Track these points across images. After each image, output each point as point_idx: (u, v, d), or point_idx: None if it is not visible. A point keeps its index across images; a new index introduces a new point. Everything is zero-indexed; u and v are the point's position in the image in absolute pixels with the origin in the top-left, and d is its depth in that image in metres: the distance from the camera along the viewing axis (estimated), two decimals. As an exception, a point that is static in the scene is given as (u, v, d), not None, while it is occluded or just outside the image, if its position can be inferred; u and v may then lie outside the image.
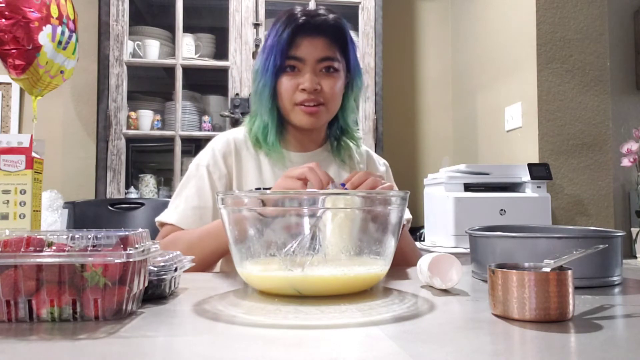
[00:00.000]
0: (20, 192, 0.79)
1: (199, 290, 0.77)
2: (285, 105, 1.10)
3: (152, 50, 2.54)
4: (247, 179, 1.14)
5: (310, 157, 1.16)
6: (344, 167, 1.21)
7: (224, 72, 2.55)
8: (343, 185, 0.88)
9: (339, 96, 1.13)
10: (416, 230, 2.31)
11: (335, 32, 1.10)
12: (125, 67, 2.46)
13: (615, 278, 0.78)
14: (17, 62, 1.89)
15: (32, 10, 1.89)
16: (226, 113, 2.50)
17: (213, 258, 1.03)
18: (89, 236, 0.58)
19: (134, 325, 0.56)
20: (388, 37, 2.80)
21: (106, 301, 0.57)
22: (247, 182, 1.14)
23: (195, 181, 1.12)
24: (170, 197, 1.22)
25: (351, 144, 1.23)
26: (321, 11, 1.10)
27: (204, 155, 1.16)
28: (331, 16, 1.10)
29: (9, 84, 2.61)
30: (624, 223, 2.46)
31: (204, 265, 1.01)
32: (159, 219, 1.11)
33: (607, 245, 0.72)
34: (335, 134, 1.20)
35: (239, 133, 1.20)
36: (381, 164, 1.28)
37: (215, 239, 0.98)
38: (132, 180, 2.58)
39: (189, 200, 1.10)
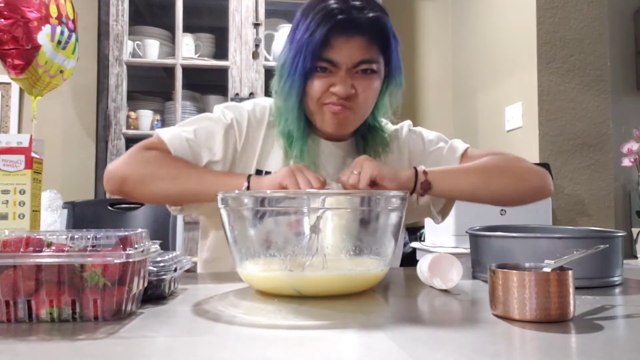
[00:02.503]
0: (20, 192, 0.79)
1: (199, 290, 0.77)
2: (311, 105, 0.99)
3: (152, 50, 2.54)
4: (271, 157, 1.03)
5: (342, 147, 1.06)
6: (376, 157, 1.06)
7: (223, 72, 2.55)
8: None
9: (374, 100, 1.01)
10: (416, 230, 2.31)
11: (376, 29, 0.96)
12: (125, 67, 2.46)
13: (616, 278, 0.78)
14: (16, 61, 1.89)
15: (31, 10, 1.89)
16: (226, 113, 2.50)
17: (184, 200, 0.98)
18: (89, 236, 0.58)
19: (134, 325, 0.56)
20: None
21: (106, 301, 0.57)
22: (271, 162, 1.03)
23: (214, 123, 1.02)
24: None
25: (383, 136, 1.09)
26: (358, 3, 0.94)
27: (238, 108, 1.05)
28: (371, 14, 0.94)
29: (9, 83, 2.60)
30: (624, 223, 2.46)
31: (173, 200, 0.98)
32: (158, 131, 1.02)
33: (607, 246, 0.72)
34: (362, 131, 1.07)
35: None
36: (404, 131, 1.13)
37: (195, 187, 0.93)
38: (132, 180, 2.58)
39: (197, 132, 1.00)
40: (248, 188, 0.89)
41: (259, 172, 1.03)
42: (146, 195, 0.98)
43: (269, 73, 2.44)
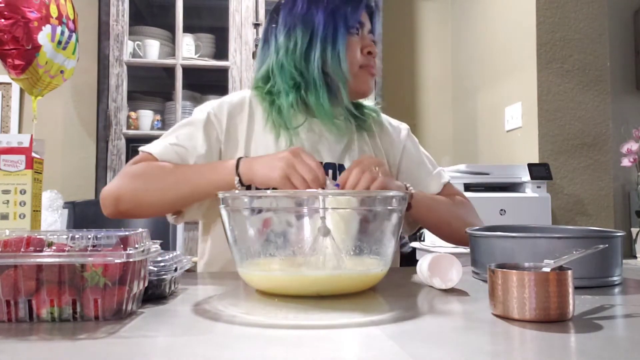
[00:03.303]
0: (20, 192, 0.79)
1: (199, 290, 0.77)
2: (352, 68, 1.04)
3: (152, 50, 2.54)
4: (257, 143, 1.04)
5: (338, 126, 1.07)
6: (362, 134, 1.13)
7: (224, 72, 2.55)
8: (337, 185, 0.87)
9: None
10: (416, 230, 2.31)
11: (369, 4, 1.10)
12: (125, 67, 2.46)
13: (615, 278, 0.78)
14: (17, 62, 1.89)
15: (31, 10, 1.89)
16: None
17: (181, 202, 0.98)
18: (89, 236, 0.58)
19: (134, 325, 0.56)
20: (388, 37, 2.80)
21: (106, 301, 0.57)
22: (257, 147, 1.04)
23: (192, 124, 1.04)
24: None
25: (368, 112, 1.16)
26: None
27: (211, 103, 1.08)
28: None
29: (9, 84, 2.60)
30: (624, 223, 2.46)
31: (171, 206, 0.98)
32: (143, 148, 1.04)
33: (607, 245, 0.72)
34: (356, 108, 1.12)
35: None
36: (403, 129, 1.21)
37: (188, 184, 0.94)
38: (132, 180, 2.58)
39: (179, 138, 1.02)
40: (240, 179, 0.90)
41: None
42: (143, 209, 0.98)
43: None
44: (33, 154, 0.80)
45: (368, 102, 1.17)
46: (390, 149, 1.16)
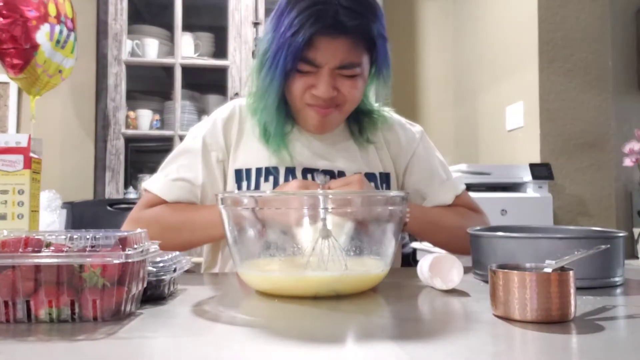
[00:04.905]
0: (18, 192, 0.78)
1: (198, 291, 0.77)
2: (294, 103, 0.97)
3: (151, 49, 2.54)
4: (246, 152, 1.02)
5: (329, 138, 1.05)
6: (367, 147, 1.07)
7: (223, 71, 2.54)
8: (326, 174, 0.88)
9: (359, 98, 0.99)
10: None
11: (362, 31, 0.92)
12: (124, 66, 2.46)
13: (617, 279, 0.78)
14: (15, 61, 1.88)
15: (30, 9, 1.88)
16: (226, 112, 2.49)
17: (196, 245, 1.00)
18: (88, 236, 0.58)
19: (133, 326, 0.56)
20: (389, 36, 2.79)
21: (105, 302, 0.57)
22: (246, 157, 1.02)
23: (189, 152, 1.03)
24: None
25: (375, 120, 1.09)
26: (346, 3, 0.89)
27: (204, 124, 1.06)
28: (357, 20, 0.90)
29: (7, 83, 2.60)
30: (625, 223, 2.46)
31: (185, 248, 0.97)
32: (146, 185, 1.03)
33: (608, 246, 0.72)
34: (356, 118, 1.06)
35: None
36: (416, 133, 1.13)
37: (203, 231, 0.95)
38: (130, 180, 2.58)
39: (180, 171, 1.01)
40: None
41: (238, 172, 1.02)
42: None
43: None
44: (31, 154, 0.79)
45: (377, 106, 1.11)
46: (398, 156, 1.10)
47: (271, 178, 1.00)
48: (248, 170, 1.01)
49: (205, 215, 0.96)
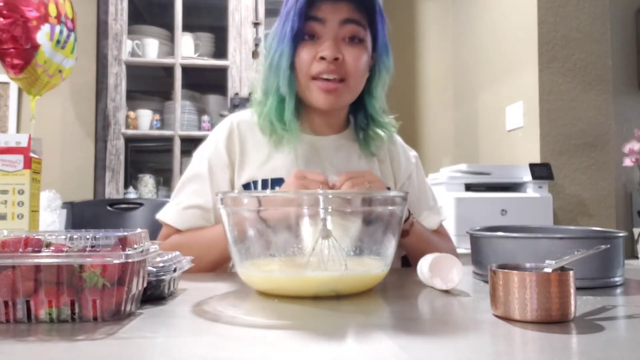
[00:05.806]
0: (19, 192, 0.78)
1: (198, 291, 0.77)
2: (301, 79, 0.99)
3: (151, 49, 2.54)
4: (250, 166, 1.04)
5: (329, 142, 1.07)
6: (371, 159, 1.10)
7: (223, 71, 2.54)
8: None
9: (364, 73, 1.01)
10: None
11: (363, 1, 0.98)
12: (124, 66, 2.46)
13: (617, 279, 0.78)
14: (15, 61, 1.88)
15: (30, 9, 1.88)
16: (225, 113, 2.49)
17: (219, 264, 1.01)
18: (88, 236, 0.58)
19: (133, 326, 0.56)
20: (389, 36, 2.80)
21: (105, 302, 0.57)
22: (251, 170, 1.04)
23: (197, 177, 1.05)
24: (169, 197, 1.20)
25: (382, 133, 1.11)
26: None
27: (207, 146, 1.08)
28: None
29: (7, 83, 2.60)
30: (625, 223, 2.46)
31: (208, 270, 0.99)
32: (160, 216, 1.06)
33: (608, 246, 0.72)
34: (362, 123, 1.08)
35: (245, 115, 1.10)
36: (412, 157, 1.18)
37: (222, 250, 0.94)
38: (131, 180, 2.58)
39: (190, 198, 1.04)
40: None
41: (264, 182, 1.03)
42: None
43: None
44: (31, 154, 0.79)
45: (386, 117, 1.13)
46: (397, 174, 1.14)
47: (277, 189, 1.01)
48: (254, 183, 1.03)
49: (214, 231, 0.99)
